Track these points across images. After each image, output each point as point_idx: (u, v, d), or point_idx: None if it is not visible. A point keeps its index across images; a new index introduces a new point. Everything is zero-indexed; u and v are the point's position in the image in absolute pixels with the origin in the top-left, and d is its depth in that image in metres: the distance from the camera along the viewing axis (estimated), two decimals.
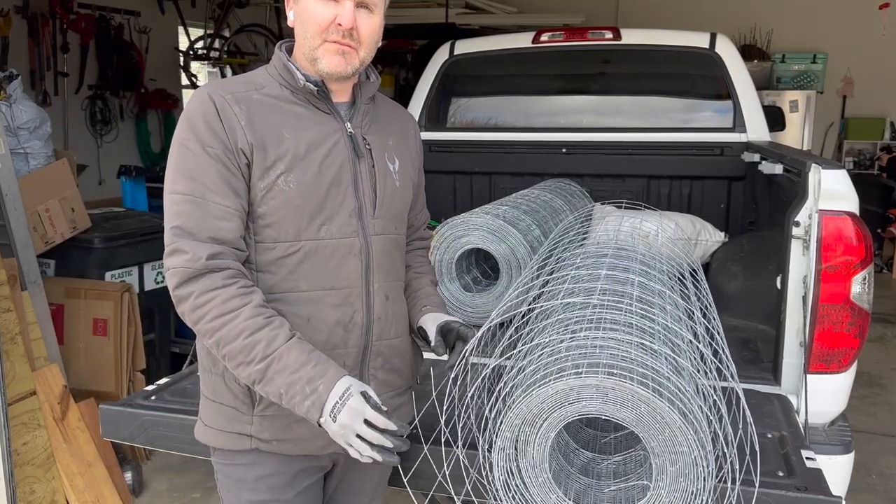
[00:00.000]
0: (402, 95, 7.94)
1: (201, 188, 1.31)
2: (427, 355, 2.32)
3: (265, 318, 1.30)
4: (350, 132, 1.44)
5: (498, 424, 1.40)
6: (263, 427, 1.42)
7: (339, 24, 1.34)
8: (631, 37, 3.64)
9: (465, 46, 3.89)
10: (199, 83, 8.26)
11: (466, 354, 1.46)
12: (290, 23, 1.43)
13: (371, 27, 1.39)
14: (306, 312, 1.40)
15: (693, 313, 1.69)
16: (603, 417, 1.34)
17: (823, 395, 1.93)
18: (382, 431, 1.24)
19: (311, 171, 1.38)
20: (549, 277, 1.97)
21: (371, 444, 1.25)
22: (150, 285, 3.75)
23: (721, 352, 1.48)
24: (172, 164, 1.35)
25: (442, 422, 1.50)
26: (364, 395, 1.27)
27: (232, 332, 1.28)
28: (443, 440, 1.54)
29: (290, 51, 1.47)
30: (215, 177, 1.32)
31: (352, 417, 1.24)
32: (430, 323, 1.57)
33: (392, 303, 1.52)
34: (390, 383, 1.53)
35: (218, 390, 1.44)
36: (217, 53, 8.01)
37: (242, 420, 1.42)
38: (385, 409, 1.28)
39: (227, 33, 8.19)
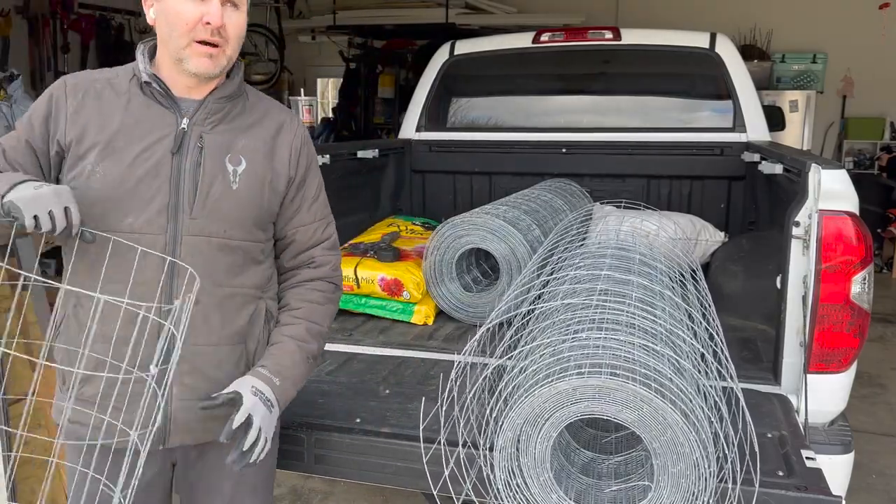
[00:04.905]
0: (403, 95, 7.92)
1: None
2: (429, 354, 2.32)
3: None
4: (183, 128, 1.40)
5: (500, 424, 1.40)
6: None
7: (207, 23, 1.33)
8: (631, 37, 3.65)
9: (465, 46, 3.89)
10: None
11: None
12: (150, 21, 1.41)
13: (237, 24, 1.39)
14: (102, 305, 1.33)
15: (692, 315, 1.69)
16: (605, 418, 1.34)
17: (823, 395, 1.93)
18: None
19: (123, 163, 1.37)
20: (549, 277, 1.98)
21: None
22: None
23: (721, 353, 1.49)
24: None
25: (442, 421, 1.51)
26: None
27: None
28: (444, 440, 1.54)
29: (153, 50, 1.45)
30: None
31: None
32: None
33: (204, 307, 1.41)
34: (199, 389, 1.43)
35: None
36: None
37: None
38: None
39: None
